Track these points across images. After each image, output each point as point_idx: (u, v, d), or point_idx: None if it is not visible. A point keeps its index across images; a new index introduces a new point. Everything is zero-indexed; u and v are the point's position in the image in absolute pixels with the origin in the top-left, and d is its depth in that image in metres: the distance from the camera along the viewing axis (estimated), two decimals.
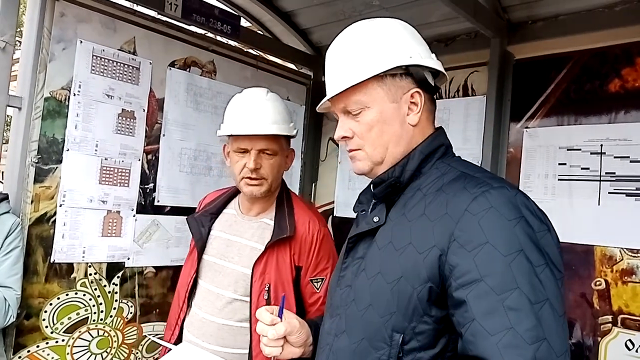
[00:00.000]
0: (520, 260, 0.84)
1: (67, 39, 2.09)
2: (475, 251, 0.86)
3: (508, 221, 0.87)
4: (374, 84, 1.05)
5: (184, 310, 1.80)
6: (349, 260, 1.12)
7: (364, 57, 1.06)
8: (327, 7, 2.84)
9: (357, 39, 1.10)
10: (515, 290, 0.82)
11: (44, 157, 2.04)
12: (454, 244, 0.89)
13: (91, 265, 2.19)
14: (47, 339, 2.06)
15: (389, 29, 1.10)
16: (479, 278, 0.84)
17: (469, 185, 0.94)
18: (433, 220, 0.94)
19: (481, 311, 0.83)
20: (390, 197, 1.08)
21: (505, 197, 0.90)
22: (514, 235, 0.86)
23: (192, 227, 1.85)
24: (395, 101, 1.06)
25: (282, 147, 1.78)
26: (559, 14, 2.38)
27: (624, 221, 2.07)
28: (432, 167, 1.06)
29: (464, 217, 0.90)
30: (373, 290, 0.99)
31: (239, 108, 1.76)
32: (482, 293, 0.84)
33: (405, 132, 1.07)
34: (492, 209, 0.88)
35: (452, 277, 0.88)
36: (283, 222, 1.75)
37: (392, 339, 0.94)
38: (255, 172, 1.71)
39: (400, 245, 0.98)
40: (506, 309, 0.81)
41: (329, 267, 1.78)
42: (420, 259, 0.93)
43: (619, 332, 2.04)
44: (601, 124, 2.19)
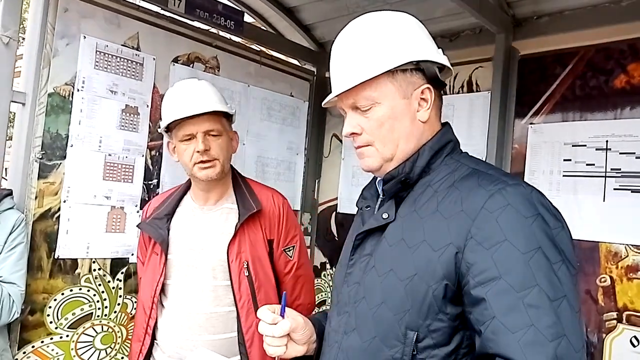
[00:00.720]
0: (539, 258, 0.84)
1: (71, 34, 2.09)
2: (494, 249, 0.86)
3: (525, 219, 0.87)
4: (384, 79, 1.03)
5: (153, 317, 1.80)
6: (356, 257, 1.10)
7: (375, 52, 1.03)
8: (330, 2, 2.83)
9: (366, 32, 1.07)
10: (534, 287, 0.82)
11: (47, 153, 2.04)
12: (471, 242, 0.89)
13: (95, 261, 2.19)
14: (51, 334, 2.07)
15: (399, 22, 1.07)
16: (498, 276, 0.85)
17: (484, 182, 0.94)
18: (448, 217, 0.94)
19: (501, 309, 0.83)
20: (399, 193, 1.07)
21: (522, 194, 0.90)
22: (531, 232, 0.86)
23: (148, 231, 1.84)
24: (406, 97, 1.05)
25: (225, 127, 1.82)
26: (564, 10, 2.37)
27: (629, 217, 2.06)
28: (441, 163, 1.05)
29: (480, 214, 0.89)
30: (385, 288, 0.98)
31: (176, 97, 1.79)
32: (502, 291, 0.84)
33: (416, 129, 1.06)
34: (509, 206, 0.88)
35: (470, 274, 0.88)
36: (246, 201, 1.80)
37: (406, 336, 0.93)
38: (206, 154, 1.73)
39: (413, 242, 0.97)
40: (526, 306, 0.82)
41: (297, 234, 1.91)
42: (435, 257, 0.92)
43: (624, 328, 2.04)
44: (606, 120, 2.18)
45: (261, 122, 2.90)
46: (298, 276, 1.90)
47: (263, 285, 1.77)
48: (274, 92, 2.98)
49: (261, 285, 1.77)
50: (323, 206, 3.23)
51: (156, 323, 1.82)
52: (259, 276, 1.77)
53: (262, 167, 2.90)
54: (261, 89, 2.90)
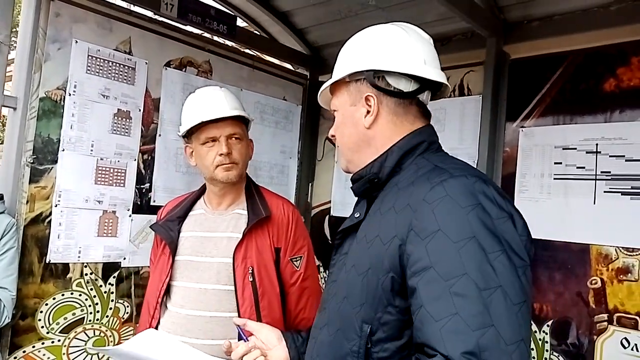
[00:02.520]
0: (471, 247, 0.84)
1: (63, 39, 2.09)
2: (428, 239, 0.87)
3: (462, 208, 0.87)
4: (342, 89, 1.14)
5: (156, 317, 1.79)
6: (337, 257, 1.16)
7: (341, 63, 1.16)
8: (323, 7, 2.84)
9: (346, 45, 1.18)
10: (463, 276, 0.82)
11: (39, 157, 2.04)
12: (410, 234, 0.90)
13: (87, 265, 2.18)
14: (42, 339, 2.06)
15: (373, 34, 1.14)
16: (429, 265, 0.85)
17: (432, 175, 0.96)
18: (398, 212, 0.96)
19: (429, 297, 0.83)
20: (370, 193, 1.11)
21: (463, 184, 0.91)
22: (466, 222, 0.86)
23: (159, 232, 1.86)
24: (354, 104, 1.12)
25: (245, 132, 1.87)
26: (554, 14, 2.39)
27: (620, 220, 2.08)
28: (411, 163, 1.06)
29: (420, 206, 0.91)
30: (348, 283, 1.03)
31: (199, 102, 1.83)
32: (431, 280, 0.84)
33: (362, 134, 1.11)
34: (447, 197, 0.89)
35: (408, 265, 0.89)
36: (256, 208, 1.82)
37: (361, 329, 0.95)
38: (229, 157, 1.76)
39: (370, 238, 1.01)
40: (452, 294, 0.81)
41: (305, 245, 1.89)
42: (383, 250, 0.94)
43: (615, 330, 2.05)
44: (596, 123, 2.19)
45: (254, 126, 2.87)
46: (304, 288, 1.87)
47: (267, 292, 1.76)
48: (267, 96, 2.99)
49: (265, 292, 1.75)
50: (316, 209, 3.24)
51: (158, 324, 1.81)
52: (263, 283, 1.75)
53: (255, 170, 2.90)
54: (254, 92, 2.91)
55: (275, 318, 1.76)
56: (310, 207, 3.27)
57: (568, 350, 2.16)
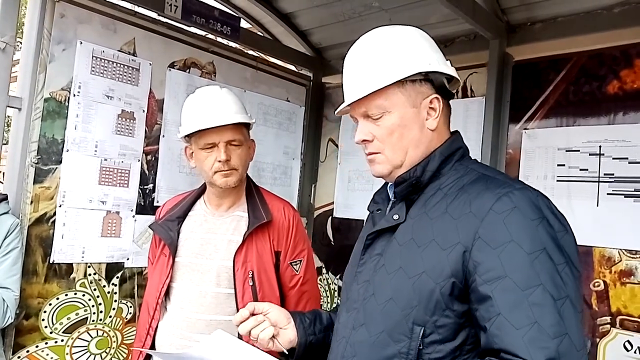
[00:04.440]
0: (543, 259, 0.88)
1: (67, 40, 2.10)
2: (500, 249, 0.90)
3: (531, 221, 0.92)
4: (395, 89, 1.08)
5: (156, 318, 1.79)
6: (367, 257, 1.14)
7: (386, 63, 1.09)
8: (327, 8, 2.84)
9: (377, 45, 1.12)
10: (539, 286, 0.86)
11: (43, 157, 2.05)
12: (478, 242, 0.93)
13: (90, 266, 2.19)
14: (46, 339, 2.07)
15: (408, 36, 1.13)
16: (504, 274, 0.88)
17: (492, 186, 0.99)
18: (456, 218, 0.98)
19: (506, 306, 0.87)
20: (410, 196, 1.11)
21: (528, 197, 0.95)
22: (536, 234, 0.90)
23: (159, 232, 1.84)
24: (415, 106, 1.09)
25: (245, 137, 1.84)
26: (557, 16, 2.39)
27: (623, 222, 2.08)
28: (451, 169, 1.10)
29: (488, 215, 0.94)
30: (394, 285, 1.03)
31: (199, 105, 1.79)
32: (507, 288, 0.88)
33: (424, 137, 1.11)
34: (516, 208, 0.93)
35: (477, 273, 0.92)
36: (257, 211, 1.81)
37: (412, 331, 0.97)
38: (227, 164, 1.74)
39: (422, 241, 1.01)
40: (530, 304, 0.85)
41: (305, 248, 1.89)
42: (443, 255, 0.96)
43: (618, 333, 2.04)
44: (600, 125, 2.19)
45: (257, 127, 2.89)
46: (303, 291, 1.87)
47: (267, 296, 1.75)
48: (271, 97, 3.00)
49: (265, 296, 1.75)
50: (319, 211, 3.24)
51: (158, 325, 1.81)
52: (263, 287, 1.75)
53: (258, 172, 2.90)
54: (257, 94, 2.92)
55: None
56: (312, 208, 3.27)
57: None
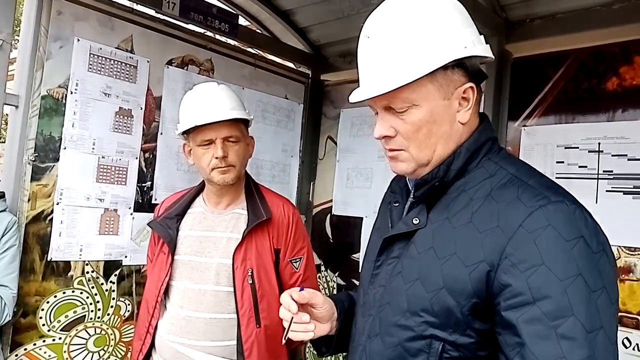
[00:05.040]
0: (578, 285, 0.79)
1: (64, 37, 2.09)
2: (529, 272, 0.81)
3: (566, 242, 0.81)
4: (424, 79, 0.92)
5: (156, 316, 1.79)
6: (383, 259, 1.06)
7: (416, 50, 0.91)
8: (325, 5, 2.83)
9: (406, 24, 0.93)
10: (570, 317, 0.78)
11: (40, 155, 2.04)
12: (505, 262, 0.84)
13: (88, 263, 2.19)
14: (44, 337, 2.06)
15: (440, 11, 0.95)
16: (532, 302, 0.80)
17: (524, 196, 0.87)
18: (482, 231, 0.88)
19: (532, 337, 0.79)
20: (432, 198, 1.00)
21: (564, 213, 0.84)
22: (572, 257, 0.80)
23: (158, 230, 1.84)
24: (446, 98, 0.95)
25: (243, 133, 1.82)
26: (556, 13, 2.38)
27: (622, 219, 2.07)
28: (477, 165, 0.98)
29: (518, 233, 0.84)
30: (410, 297, 0.95)
31: (196, 101, 1.78)
32: (534, 318, 0.79)
33: (455, 132, 0.98)
34: (550, 227, 0.82)
35: (502, 296, 0.84)
36: (257, 208, 1.80)
37: (431, 346, 0.91)
38: (224, 160, 1.73)
39: (443, 253, 0.92)
40: (559, 337, 0.77)
41: (305, 246, 1.89)
42: (465, 273, 0.88)
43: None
44: (599, 122, 2.19)
45: (256, 125, 2.89)
46: None
47: (266, 294, 1.75)
48: (269, 94, 2.99)
49: (264, 294, 1.75)
50: (318, 208, 3.23)
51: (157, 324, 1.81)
52: (262, 285, 1.75)
53: (256, 169, 2.90)
54: (256, 91, 2.91)
55: (274, 320, 1.76)
56: (311, 206, 3.26)
57: None
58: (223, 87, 1.83)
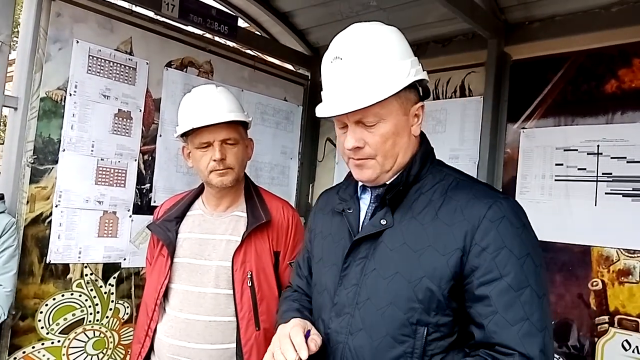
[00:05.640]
0: (529, 262, 1.01)
1: (64, 39, 2.09)
2: (495, 254, 1.01)
3: (516, 228, 1.03)
4: (392, 97, 1.07)
5: (155, 319, 1.78)
6: (350, 260, 1.15)
7: (387, 71, 1.06)
8: (324, 7, 2.84)
9: (376, 49, 1.07)
10: (527, 287, 0.99)
11: (39, 157, 2.03)
12: (475, 247, 1.02)
13: (87, 266, 2.18)
14: (42, 339, 2.05)
15: (400, 40, 1.12)
16: (500, 277, 1.00)
17: (479, 194, 1.08)
18: (450, 224, 1.06)
19: (502, 305, 0.98)
20: (394, 201, 1.13)
21: (512, 206, 1.06)
22: (522, 240, 1.03)
23: (157, 233, 1.83)
24: (405, 114, 1.12)
25: (241, 135, 1.82)
26: (555, 15, 2.39)
27: (621, 222, 2.07)
28: (427, 172, 1.15)
29: (482, 223, 1.03)
30: (393, 290, 1.07)
31: (194, 104, 1.78)
32: (503, 290, 0.99)
33: (411, 143, 1.15)
34: (505, 217, 1.03)
35: (474, 275, 1.01)
36: (256, 211, 1.80)
37: (416, 332, 1.05)
38: (222, 163, 1.73)
39: (418, 247, 1.07)
40: (522, 303, 0.98)
41: None
42: (443, 260, 1.04)
43: (616, 332, 2.04)
44: (598, 125, 2.19)
45: (255, 127, 2.89)
46: None
47: (266, 297, 1.74)
48: (268, 96, 2.99)
49: (264, 297, 1.74)
50: None
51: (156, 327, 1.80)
52: (262, 288, 1.74)
53: (255, 171, 2.90)
54: (255, 93, 2.91)
55: (273, 323, 1.75)
56: (310, 207, 3.26)
57: (569, 353, 2.15)
58: (221, 89, 1.83)
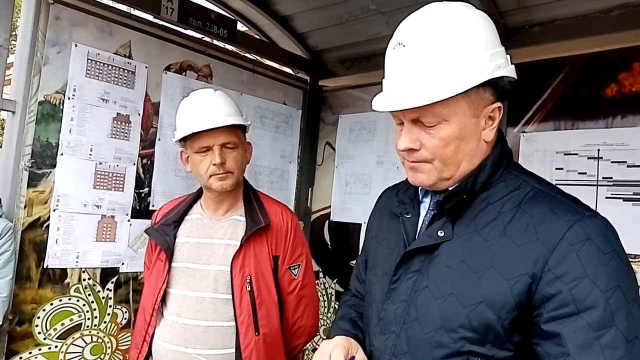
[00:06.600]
0: (618, 297, 0.83)
1: (62, 42, 2.08)
2: (573, 284, 0.84)
3: (604, 255, 0.85)
4: (458, 96, 0.91)
5: (153, 324, 1.77)
6: (401, 272, 1.03)
7: (455, 65, 0.91)
8: (323, 11, 2.83)
9: (445, 37, 0.92)
10: (612, 328, 0.81)
11: (37, 161, 2.02)
12: (548, 274, 0.86)
13: (85, 271, 2.17)
14: (39, 345, 2.04)
15: (479, 28, 0.94)
16: (576, 312, 0.83)
17: (559, 210, 0.90)
18: (520, 244, 0.90)
19: (577, 347, 0.82)
20: (457, 211, 0.99)
21: (599, 227, 0.88)
22: (610, 270, 0.84)
23: (155, 237, 1.82)
24: (476, 116, 0.95)
25: (240, 139, 1.82)
26: (555, 19, 2.39)
27: (622, 226, 2.01)
28: (499, 179, 0.99)
29: (559, 246, 0.86)
30: (444, 313, 0.94)
31: (193, 108, 1.77)
32: (579, 328, 0.83)
33: (480, 149, 0.99)
34: (589, 240, 0.86)
35: (544, 308, 0.86)
36: (255, 215, 1.79)
37: None
38: (222, 167, 1.73)
39: (478, 267, 0.92)
40: (602, 347, 0.81)
41: (303, 253, 1.88)
42: (507, 286, 0.88)
43: None
44: (598, 129, 2.18)
45: (254, 130, 2.89)
46: (301, 296, 1.85)
47: (265, 302, 1.74)
48: (267, 100, 2.98)
49: (263, 301, 1.73)
50: (316, 214, 3.22)
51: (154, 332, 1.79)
52: (261, 292, 1.73)
53: (254, 175, 2.89)
54: (254, 97, 2.90)
55: (273, 327, 1.74)
56: (310, 212, 3.25)
57: None
58: (220, 93, 1.82)
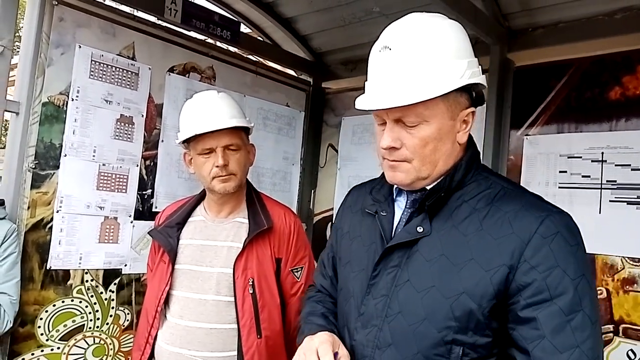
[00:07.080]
0: (584, 284, 0.92)
1: (66, 43, 2.08)
2: (546, 273, 0.92)
3: (571, 246, 0.94)
4: (439, 98, 0.97)
5: (156, 326, 1.77)
6: (381, 268, 1.07)
7: (438, 68, 0.97)
8: (327, 13, 2.83)
9: (429, 42, 0.98)
10: (580, 312, 0.90)
11: (41, 162, 2.02)
12: (524, 265, 0.93)
13: (88, 272, 2.17)
14: (42, 346, 2.04)
15: (460, 36, 1.03)
16: (550, 299, 0.91)
17: (529, 206, 0.98)
18: (497, 237, 0.97)
19: (551, 330, 0.90)
20: (434, 208, 1.04)
21: (566, 222, 0.97)
22: (577, 260, 0.93)
23: (158, 239, 1.82)
24: (452, 118, 1.02)
25: (243, 141, 1.82)
26: (559, 22, 2.38)
27: (625, 230, 2.06)
28: (471, 178, 1.06)
29: (533, 239, 0.94)
30: (427, 304, 0.99)
31: (196, 110, 1.77)
32: (553, 313, 0.91)
33: (454, 150, 1.06)
34: (559, 234, 0.94)
35: (521, 295, 0.93)
36: (258, 217, 1.79)
37: (451, 351, 0.97)
38: (225, 169, 1.72)
39: (458, 260, 0.98)
40: (573, 329, 0.90)
41: (306, 255, 1.86)
42: (487, 277, 0.95)
43: (621, 342, 2.02)
44: (602, 132, 2.18)
45: (257, 132, 2.88)
46: None
47: (267, 304, 1.73)
48: (270, 102, 2.98)
49: (265, 304, 1.73)
50: (319, 216, 3.22)
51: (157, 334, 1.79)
52: (263, 295, 1.73)
53: (257, 177, 2.89)
54: (257, 99, 2.90)
55: (275, 330, 1.74)
56: (312, 213, 3.25)
57: None
58: (223, 95, 1.82)
